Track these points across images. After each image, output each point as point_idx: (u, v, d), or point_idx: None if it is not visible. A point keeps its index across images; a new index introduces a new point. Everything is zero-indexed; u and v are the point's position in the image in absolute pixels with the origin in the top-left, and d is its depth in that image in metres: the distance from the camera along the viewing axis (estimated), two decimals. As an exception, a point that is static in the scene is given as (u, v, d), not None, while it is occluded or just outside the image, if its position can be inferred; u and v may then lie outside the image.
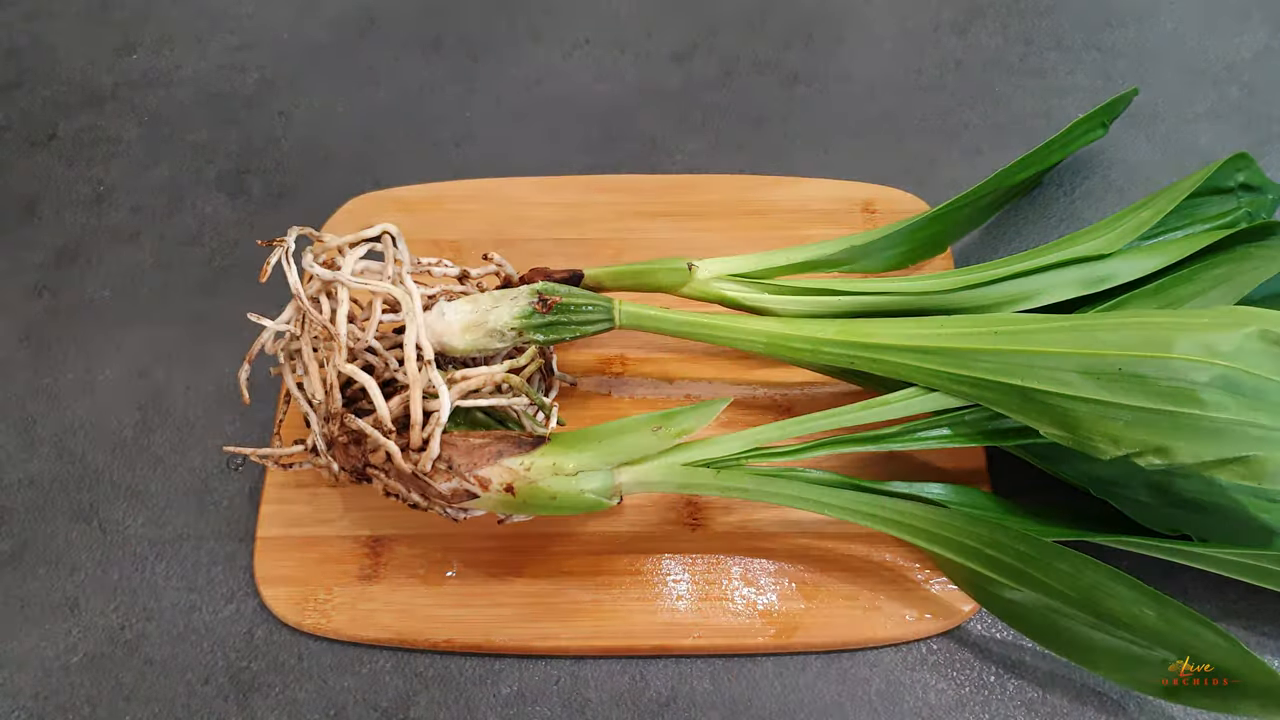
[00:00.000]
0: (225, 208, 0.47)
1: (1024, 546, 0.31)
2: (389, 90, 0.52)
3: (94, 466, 0.40)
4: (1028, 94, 0.48)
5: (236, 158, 0.49)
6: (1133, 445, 0.29)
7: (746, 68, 0.51)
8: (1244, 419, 0.28)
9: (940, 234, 0.40)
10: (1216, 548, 0.31)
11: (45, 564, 0.38)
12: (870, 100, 0.49)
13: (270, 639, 0.36)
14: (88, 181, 0.49)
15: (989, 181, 0.40)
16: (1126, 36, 0.50)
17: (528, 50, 0.53)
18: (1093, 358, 0.30)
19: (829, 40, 0.52)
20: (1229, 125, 0.46)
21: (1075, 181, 0.45)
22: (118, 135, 0.51)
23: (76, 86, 0.53)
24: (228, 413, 0.41)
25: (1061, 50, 0.50)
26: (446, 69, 0.52)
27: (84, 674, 0.36)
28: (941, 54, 0.51)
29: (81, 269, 0.46)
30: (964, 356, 0.32)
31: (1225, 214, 0.38)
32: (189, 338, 0.43)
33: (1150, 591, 0.30)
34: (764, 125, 0.49)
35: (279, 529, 0.37)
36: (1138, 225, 0.36)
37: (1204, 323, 0.30)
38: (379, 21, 0.55)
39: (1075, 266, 0.35)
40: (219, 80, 0.53)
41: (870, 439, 0.32)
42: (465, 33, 0.54)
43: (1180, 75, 0.48)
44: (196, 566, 0.37)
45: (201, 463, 0.40)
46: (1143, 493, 0.33)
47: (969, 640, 0.35)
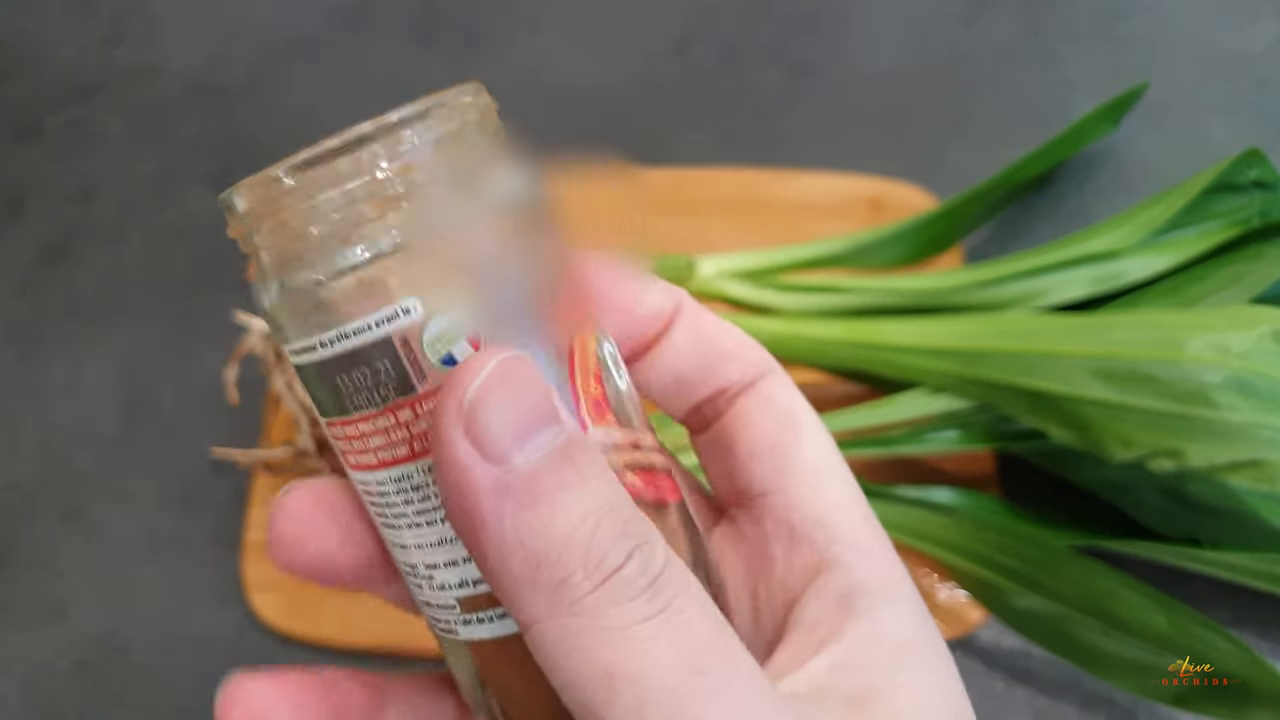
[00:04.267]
0: (214, 203, 0.46)
1: (1034, 552, 0.31)
2: (382, 81, 0.51)
3: (80, 468, 0.39)
4: (1037, 85, 0.48)
5: (225, 152, 0.49)
6: (1144, 448, 0.29)
7: (749, 58, 0.50)
8: (1257, 421, 0.28)
9: (948, 230, 0.40)
10: (1229, 553, 0.30)
11: (31, 568, 0.37)
12: (876, 92, 0.49)
13: (261, 645, 0.35)
14: (74, 177, 0.48)
15: (997, 177, 0.39)
16: (1137, 28, 0.49)
17: (525, 40, 0.52)
18: (1104, 358, 0.29)
19: (834, 30, 0.51)
20: (1241, 120, 0.45)
21: (1085, 177, 0.44)
22: (105, 129, 0.50)
23: (63, 80, 0.52)
24: (215, 413, 0.40)
25: (1071, 41, 0.49)
26: (441, 59, 0.51)
27: (72, 679, 0.35)
28: (949, 44, 0.50)
29: (68, 266, 0.45)
30: (973, 357, 0.31)
31: (1237, 211, 0.38)
32: (177, 336, 0.42)
33: (1161, 597, 0.29)
34: (767, 117, 0.48)
35: (268, 534, 0.36)
36: (1149, 222, 0.36)
37: (1216, 323, 0.29)
38: (372, 11, 0.54)
39: (1086, 265, 0.35)
40: (208, 73, 0.52)
41: (877, 442, 0.32)
42: (461, 23, 0.53)
43: (1191, 68, 0.47)
44: (185, 571, 0.37)
45: (189, 464, 0.39)
46: (1154, 497, 0.32)
47: (976, 648, 0.34)
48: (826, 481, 0.16)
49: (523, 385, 0.12)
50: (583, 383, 0.14)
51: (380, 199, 0.13)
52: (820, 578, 0.15)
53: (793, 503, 0.16)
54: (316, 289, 0.13)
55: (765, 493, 0.16)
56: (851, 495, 0.16)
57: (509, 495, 0.12)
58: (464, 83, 0.15)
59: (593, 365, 0.14)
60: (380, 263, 0.13)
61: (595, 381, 0.14)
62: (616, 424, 0.14)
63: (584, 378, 0.14)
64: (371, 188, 0.13)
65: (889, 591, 0.15)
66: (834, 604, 0.15)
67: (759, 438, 0.16)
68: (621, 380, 0.15)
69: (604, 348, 0.14)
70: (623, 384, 0.15)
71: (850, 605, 0.15)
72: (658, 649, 0.12)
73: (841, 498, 0.16)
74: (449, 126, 0.14)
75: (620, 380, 0.15)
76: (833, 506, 0.16)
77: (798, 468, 0.16)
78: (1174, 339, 0.29)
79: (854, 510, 0.16)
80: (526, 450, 0.12)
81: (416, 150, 0.14)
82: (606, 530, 0.12)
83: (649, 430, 0.15)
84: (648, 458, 0.14)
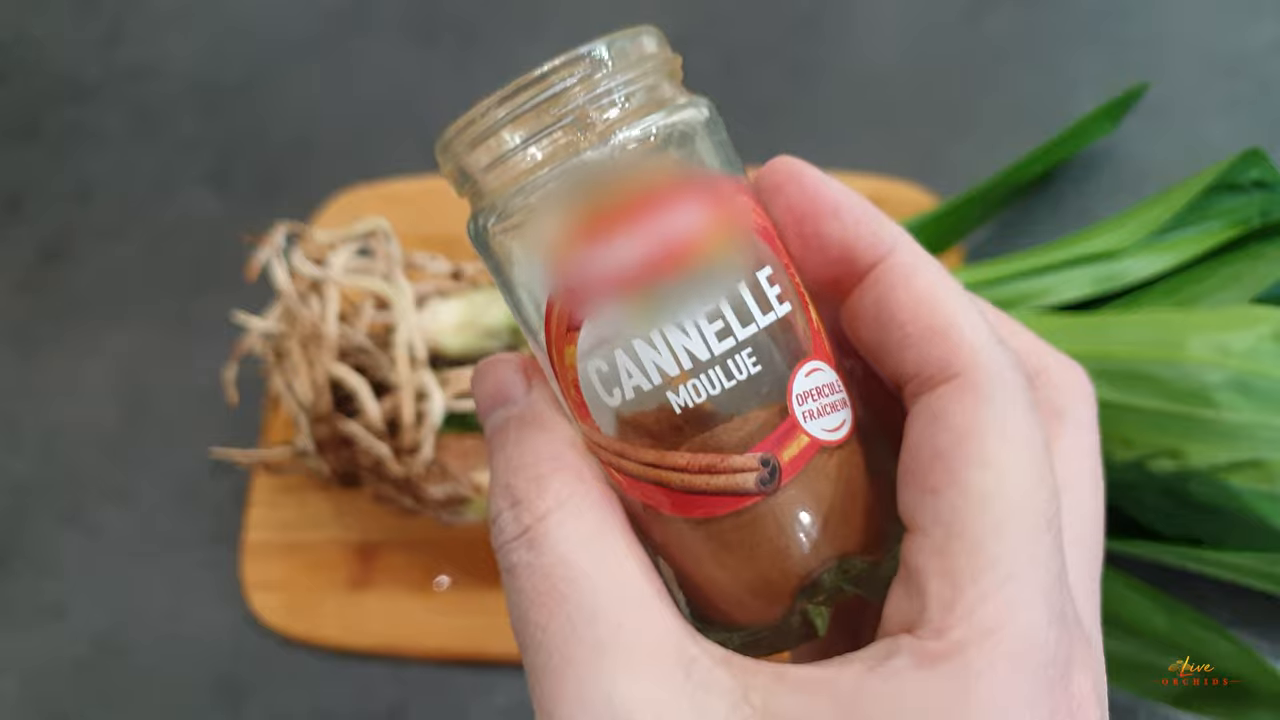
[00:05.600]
0: (212, 202, 0.46)
1: (1033, 553, 0.30)
2: (380, 81, 0.51)
3: (79, 468, 0.39)
4: (1037, 85, 0.48)
5: (224, 151, 0.49)
6: (1145, 448, 0.29)
7: (749, 59, 0.50)
8: (1257, 421, 0.28)
9: (949, 230, 0.40)
10: (1229, 553, 0.30)
11: (30, 568, 0.37)
12: (877, 91, 0.48)
13: (260, 646, 0.35)
14: (73, 177, 0.48)
15: (998, 177, 0.39)
16: (1137, 28, 0.49)
17: (523, 39, 0.52)
18: (1104, 358, 0.29)
19: (834, 30, 0.51)
20: (1242, 120, 0.45)
21: (1086, 176, 0.44)
22: (103, 129, 0.50)
23: (62, 79, 0.52)
24: (215, 413, 0.40)
25: (1071, 41, 0.49)
26: (440, 59, 0.51)
27: (71, 680, 0.35)
28: (949, 44, 0.50)
29: (67, 266, 0.45)
30: (973, 358, 0.31)
31: (1238, 211, 0.38)
32: (175, 336, 0.42)
33: (1162, 597, 0.29)
34: (767, 117, 0.48)
35: (267, 534, 0.36)
36: (1149, 222, 0.36)
37: (1217, 323, 0.29)
38: (371, 11, 0.54)
39: (1086, 265, 0.35)
40: (206, 71, 0.52)
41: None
42: (459, 21, 0.53)
43: (1192, 68, 0.47)
44: (184, 571, 0.37)
45: (188, 464, 0.39)
46: (1154, 497, 0.32)
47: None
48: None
49: (486, 377, 0.16)
50: (563, 390, 0.15)
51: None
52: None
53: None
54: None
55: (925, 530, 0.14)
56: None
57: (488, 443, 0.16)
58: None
59: (571, 376, 0.15)
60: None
61: (574, 389, 0.15)
62: (596, 429, 0.15)
63: (564, 386, 0.15)
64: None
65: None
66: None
67: (921, 470, 0.14)
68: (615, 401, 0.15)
69: (588, 364, 0.15)
70: (616, 403, 0.15)
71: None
72: (510, 594, 0.14)
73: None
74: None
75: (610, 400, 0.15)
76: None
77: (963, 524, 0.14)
78: (1174, 339, 0.28)
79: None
80: (489, 419, 0.16)
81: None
82: (498, 489, 0.15)
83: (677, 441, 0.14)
84: (631, 466, 0.15)
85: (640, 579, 0.14)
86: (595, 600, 0.13)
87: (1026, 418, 0.14)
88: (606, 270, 0.14)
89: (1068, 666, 0.13)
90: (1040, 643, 0.13)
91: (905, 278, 0.15)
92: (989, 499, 0.13)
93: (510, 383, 0.16)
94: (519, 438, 0.15)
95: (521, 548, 0.14)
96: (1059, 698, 0.13)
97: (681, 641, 0.14)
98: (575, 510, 0.14)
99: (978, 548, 0.13)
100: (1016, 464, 0.14)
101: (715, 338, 0.14)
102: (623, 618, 0.13)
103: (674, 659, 0.13)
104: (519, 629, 0.14)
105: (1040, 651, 0.13)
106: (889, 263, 0.15)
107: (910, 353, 0.15)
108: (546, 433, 0.15)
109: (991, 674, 0.13)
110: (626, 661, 0.13)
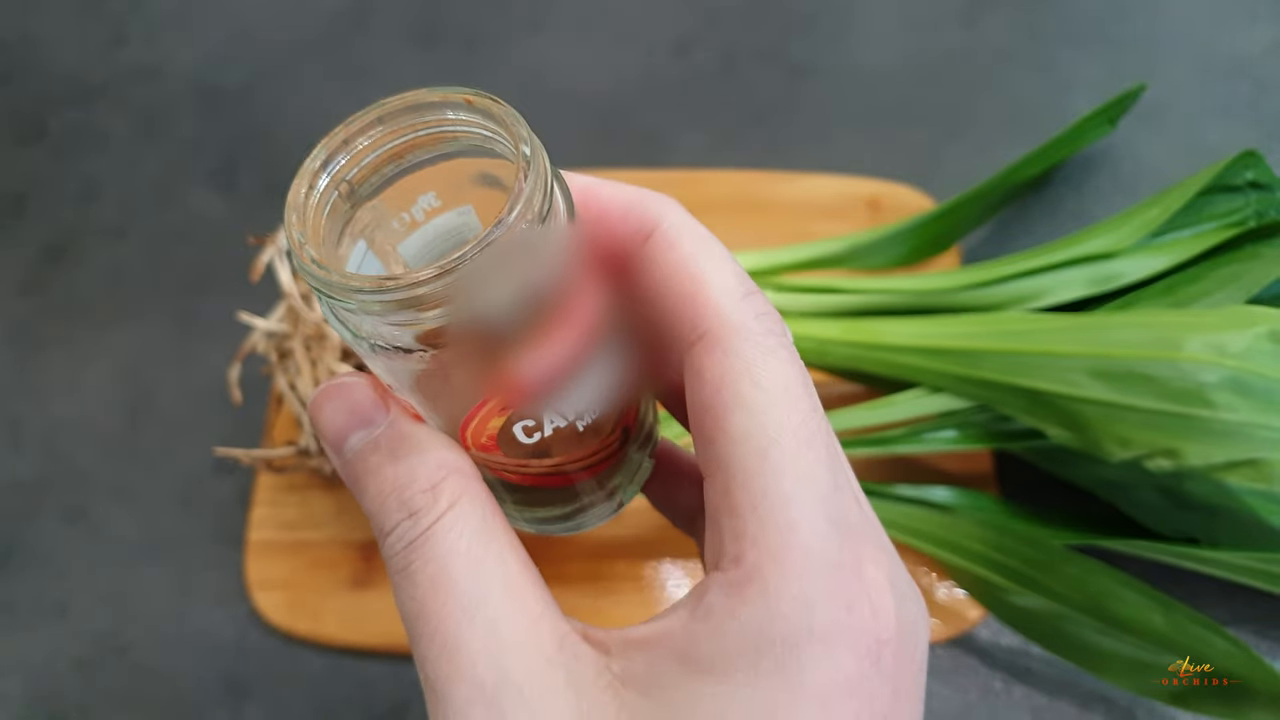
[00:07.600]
0: (216, 203, 0.47)
1: (1032, 551, 0.31)
2: (383, 82, 0.51)
3: (82, 467, 0.39)
4: (1035, 87, 0.48)
5: (227, 153, 0.49)
6: (1142, 447, 0.29)
7: (749, 59, 0.51)
8: (1254, 420, 0.28)
9: (946, 231, 0.40)
10: (1226, 552, 0.30)
11: (33, 567, 0.37)
12: (875, 93, 0.49)
13: (262, 645, 0.35)
14: (76, 177, 0.48)
15: (995, 178, 0.39)
16: (1134, 29, 0.49)
17: (525, 42, 0.52)
18: (1102, 358, 0.29)
19: (834, 31, 0.51)
20: (1238, 121, 0.45)
21: (1083, 178, 0.44)
22: (107, 130, 0.50)
23: (65, 80, 0.52)
24: (218, 413, 0.40)
25: (1069, 43, 0.49)
26: (442, 61, 0.51)
27: (74, 679, 0.35)
28: (947, 45, 0.50)
29: (70, 267, 0.45)
30: (972, 357, 0.31)
31: (1234, 212, 0.38)
32: (179, 336, 0.42)
33: (1159, 596, 0.29)
34: (766, 118, 0.48)
35: (270, 533, 0.36)
36: (1146, 223, 0.36)
37: (1213, 323, 0.29)
38: (373, 12, 0.54)
39: (1083, 265, 0.35)
40: (210, 74, 0.52)
41: (876, 441, 0.32)
42: (461, 24, 0.53)
43: (1189, 70, 0.47)
44: (187, 570, 0.37)
45: (191, 464, 0.39)
46: (1151, 496, 0.32)
47: (975, 647, 0.34)
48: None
49: (337, 402, 0.17)
50: (473, 432, 0.17)
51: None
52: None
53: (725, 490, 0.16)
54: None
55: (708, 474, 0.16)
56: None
57: (345, 472, 0.17)
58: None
59: (489, 429, 0.16)
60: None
61: (489, 437, 0.17)
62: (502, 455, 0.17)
63: (476, 430, 0.17)
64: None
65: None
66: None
67: (700, 422, 0.16)
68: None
69: (516, 428, 0.17)
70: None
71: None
72: (400, 599, 0.15)
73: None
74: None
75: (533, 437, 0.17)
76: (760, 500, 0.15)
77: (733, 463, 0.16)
78: (1171, 339, 0.29)
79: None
80: (348, 441, 0.16)
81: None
82: (390, 503, 0.16)
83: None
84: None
85: (518, 566, 0.16)
86: (485, 588, 0.15)
87: (772, 357, 0.16)
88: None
89: (857, 562, 0.15)
90: (822, 549, 0.15)
91: (664, 250, 0.17)
92: (748, 437, 0.15)
93: (368, 404, 0.16)
94: (401, 453, 0.16)
95: (421, 549, 0.15)
96: (854, 589, 0.15)
97: (555, 621, 0.16)
98: (464, 510, 0.16)
99: (750, 481, 0.15)
100: (767, 400, 0.15)
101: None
102: (507, 602, 0.15)
103: (549, 635, 0.15)
104: (414, 620, 0.15)
105: (825, 556, 0.15)
106: (653, 239, 0.17)
107: (668, 318, 0.16)
108: (424, 444, 0.16)
109: (787, 586, 0.14)
110: (512, 639, 0.15)
